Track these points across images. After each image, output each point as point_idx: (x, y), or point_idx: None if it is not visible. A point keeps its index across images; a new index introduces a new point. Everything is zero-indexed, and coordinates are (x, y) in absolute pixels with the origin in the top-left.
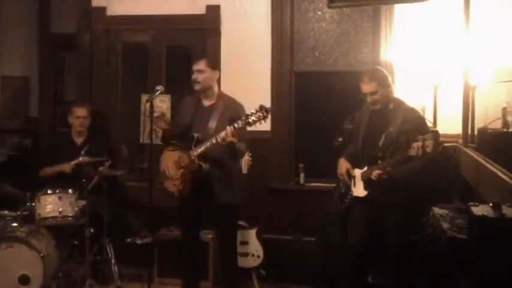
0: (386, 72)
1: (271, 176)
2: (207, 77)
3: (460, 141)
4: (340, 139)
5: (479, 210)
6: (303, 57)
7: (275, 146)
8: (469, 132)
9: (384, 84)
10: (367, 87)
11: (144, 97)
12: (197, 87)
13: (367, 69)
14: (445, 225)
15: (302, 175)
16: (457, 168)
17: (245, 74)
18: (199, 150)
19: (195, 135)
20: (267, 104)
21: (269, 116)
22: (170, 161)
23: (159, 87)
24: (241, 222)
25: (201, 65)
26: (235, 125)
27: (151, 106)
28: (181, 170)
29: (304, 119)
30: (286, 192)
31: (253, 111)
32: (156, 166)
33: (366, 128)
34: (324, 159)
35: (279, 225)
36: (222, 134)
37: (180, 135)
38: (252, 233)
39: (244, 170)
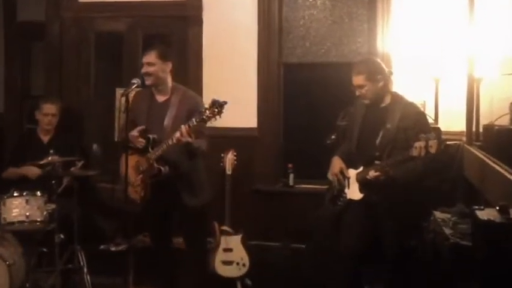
0: (381, 65)
1: (257, 177)
2: (158, 70)
3: (464, 139)
4: (333, 137)
5: (484, 214)
6: (292, 48)
7: (262, 144)
8: (474, 129)
9: (372, 78)
10: (355, 80)
11: (119, 91)
12: (148, 81)
13: (359, 60)
14: (447, 231)
15: (291, 176)
16: (460, 169)
17: (229, 66)
18: (157, 153)
19: (151, 136)
20: (251, 97)
21: (223, 111)
22: (129, 166)
23: (136, 81)
24: (225, 228)
25: (151, 57)
26: (190, 124)
27: (127, 101)
28: (141, 176)
29: (294, 115)
30: (274, 194)
31: (206, 106)
32: None
33: (361, 125)
34: (315, 159)
35: (266, 230)
36: (177, 134)
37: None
38: (237, 239)
39: (228, 171)
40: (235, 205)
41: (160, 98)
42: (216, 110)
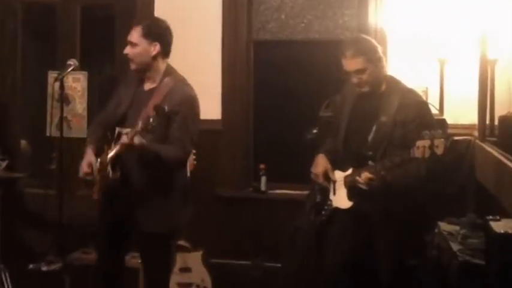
0: (374, 42)
1: (222, 180)
2: (141, 52)
3: (476, 133)
4: (314, 131)
5: (500, 226)
6: (265, 22)
7: (227, 139)
8: (487, 121)
9: (373, 58)
10: (351, 64)
11: (52, 75)
12: (131, 66)
13: (350, 39)
14: (454, 247)
15: (263, 179)
16: (470, 170)
17: (187, 44)
18: (111, 154)
19: (118, 129)
20: (214, 82)
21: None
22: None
23: (72, 62)
24: (181, 243)
25: (133, 35)
26: (147, 124)
27: (62, 87)
28: (98, 175)
29: (267, 104)
30: (243, 201)
31: (154, 114)
32: (70, 166)
33: (350, 117)
34: (293, 158)
35: (232, 246)
36: (123, 138)
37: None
38: (196, 257)
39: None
40: (195, 215)
41: (148, 86)
42: (162, 119)
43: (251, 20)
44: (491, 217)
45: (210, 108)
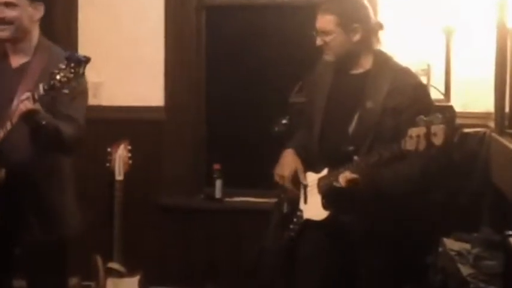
0: (365, 10)
1: (165, 185)
2: (22, 15)
3: (491, 124)
4: (284, 121)
5: None
6: None
7: (172, 132)
8: (507, 109)
9: (346, 24)
10: (319, 21)
11: None
12: (3, 33)
13: None
14: (465, 270)
15: (218, 183)
16: (485, 171)
17: (119, 12)
18: None
19: None
20: (155, 60)
21: (83, 70)
22: None
23: None
24: (113, 265)
25: None
26: (35, 95)
27: None
28: None
29: (223, 88)
30: (192, 212)
31: (61, 66)
32: None
33: (327, 103)
34: (256, 157)
35: (178, 269)
36: (18, 106)
37: None
38: (132, 284)
39: (119, 175)
40: (130, 230)
41: (16, 61)
42: (73, 70)
43: None
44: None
45: (150, 92)
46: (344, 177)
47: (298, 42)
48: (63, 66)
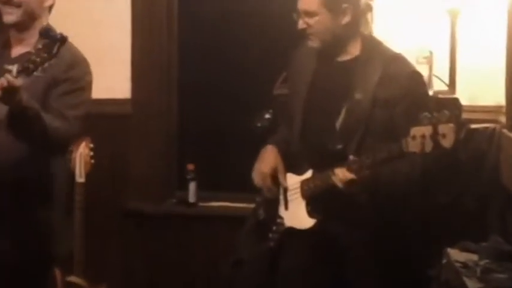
0: None
1: (132, 188)
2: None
3: (502, 119)
4: (266, 116)
5: None
6: None
7: (140, 128)
8: None
9: (333, 6)
10: (303, 1)
11: None
12: (10, 17)
13: None
14: (471, 285)
15: (192, 186)
16: (494, 172)
17: None
18: None
19: None
20: (121, 46)
21: (57, 50)
22: None
23: None
24: (73, 279)
25: None
26: (9, 76)
27: None
28: None
29: (198, 78)
30: (162, 219)
31: (39, 46)
32: None
33: (310, 94)
34: (235, 157)
35: (145, 282)
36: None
37: None
38: None
39: (80, 177)
40: (93, 238)
41: (17, 51)
42: (46, 49)
43: None
44: None
45: (115, 82)
46: (344, 174)
47: (283, 26)
48: (40, 46)
